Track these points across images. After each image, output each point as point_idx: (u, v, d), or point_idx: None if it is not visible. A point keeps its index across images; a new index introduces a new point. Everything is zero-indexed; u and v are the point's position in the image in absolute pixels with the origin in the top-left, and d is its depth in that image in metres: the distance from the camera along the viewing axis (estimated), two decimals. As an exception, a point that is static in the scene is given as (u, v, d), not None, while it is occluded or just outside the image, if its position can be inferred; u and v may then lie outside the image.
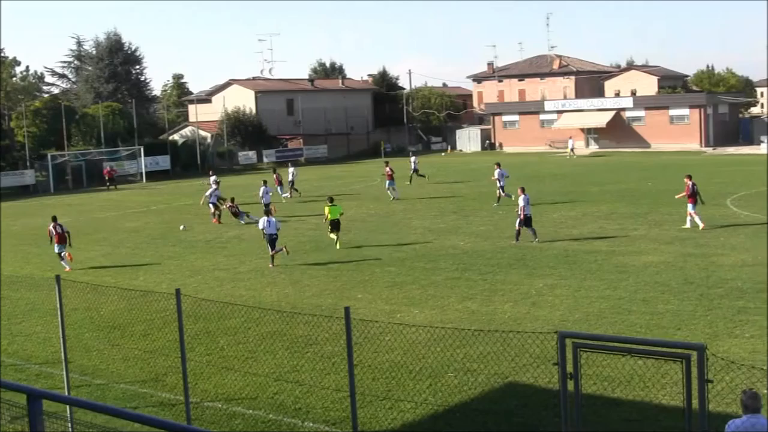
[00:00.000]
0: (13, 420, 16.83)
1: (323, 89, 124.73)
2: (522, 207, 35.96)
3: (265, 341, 22.25)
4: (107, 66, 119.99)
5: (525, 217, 35.97)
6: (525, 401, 17.12)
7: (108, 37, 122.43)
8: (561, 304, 24.87)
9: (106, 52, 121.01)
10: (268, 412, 17.39)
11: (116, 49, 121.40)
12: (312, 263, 33.88)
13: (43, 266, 36.69)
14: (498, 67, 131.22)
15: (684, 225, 37.55)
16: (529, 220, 36.17)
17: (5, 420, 17.04)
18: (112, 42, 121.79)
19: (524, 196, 36.14)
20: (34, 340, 24.26)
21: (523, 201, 36.01)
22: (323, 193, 61.46)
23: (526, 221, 36.07)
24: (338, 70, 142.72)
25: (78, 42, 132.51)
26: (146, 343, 22.93)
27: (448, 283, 28.55)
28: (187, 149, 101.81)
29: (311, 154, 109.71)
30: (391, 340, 20.44)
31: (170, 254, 38.12)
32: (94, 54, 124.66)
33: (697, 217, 37.24)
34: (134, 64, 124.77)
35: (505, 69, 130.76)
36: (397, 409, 17.05)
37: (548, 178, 66.11)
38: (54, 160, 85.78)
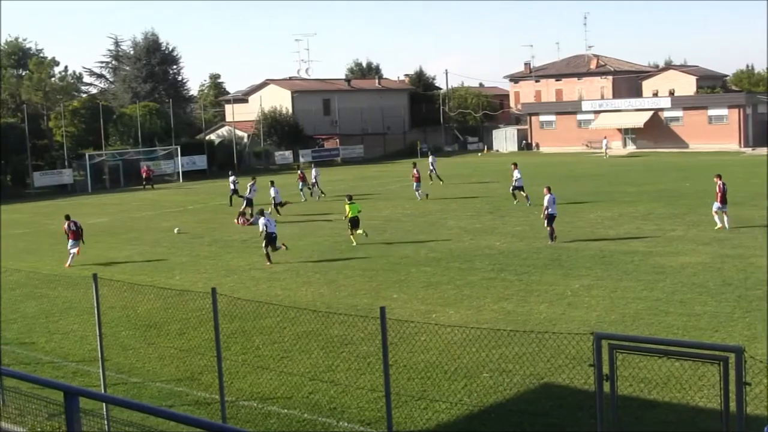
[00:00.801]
0: (50, 417, 16.95)
1: (360, 89, 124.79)
2: (546, 206, 36.28)
3: (300, 341, 22.28)
4: (145, 66, 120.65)
5: (548, 216, 36.25)
6: (560, 402, 17.04)
7: (145, 37, 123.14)
8: (597, 305, 24.74)
9: (144, 52, 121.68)
10: (303, 412, 17.40)
11: (154, 49, 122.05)
12: (347, 263, 33.87)
13: (79, 264, 36.89)
14: (535, 66, 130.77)
15: (716, 226, 37.30)
16: (551, 220, 36.35)
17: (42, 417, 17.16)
18: (149, 42, 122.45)
19: (550, 196, 36.38)
20: (71, 338, 24.41)
21: (548, 201, 36.28)
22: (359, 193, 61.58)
23: (549, 220, 36.32)
24: (375, 70, 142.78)
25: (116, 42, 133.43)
26: (182, 341, 23.01)
27: (483, 284, 28.47)
28: (223, 149, 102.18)
29: (347, 154, 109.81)
30: (426, 340, 20.40)
31: (206, 254, 38.26)
32: (131, 54, 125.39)
33: (716, 217, 37.36)
34: (171, 64, 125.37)
35: (543, 69, 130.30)
36: (432, 410, 17.01)
37: (585, 178, 65.84)
38: (92, 159, 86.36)
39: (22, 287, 31.48)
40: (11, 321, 26.35)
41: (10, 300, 28.93)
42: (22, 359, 22.66)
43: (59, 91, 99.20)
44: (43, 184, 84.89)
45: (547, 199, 36.44)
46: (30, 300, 29.76)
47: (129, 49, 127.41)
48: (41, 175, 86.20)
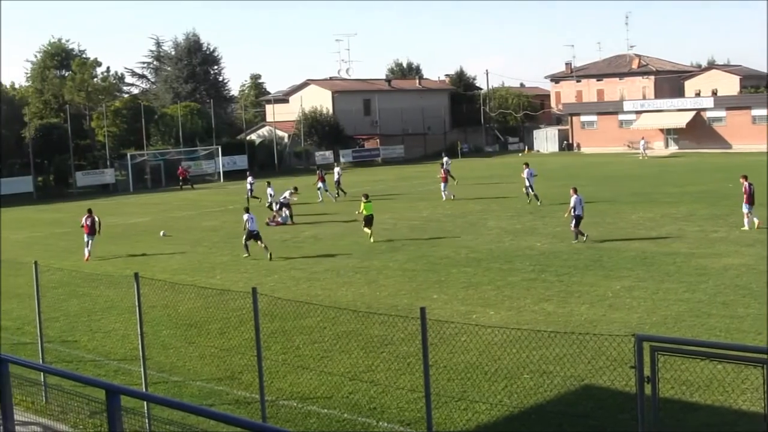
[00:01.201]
0: (92, 415, 17.09)
1: (400, 89, 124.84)
2: (572, 207, 36.61)
3: (340, 341, 22.30)
4: (186, 66, 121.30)
5: (576, 217, 36.41)
6: (601, 404, 16.96)
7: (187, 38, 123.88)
8: (638, 306, 24.59)
9: (185, 53, 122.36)
10: (342, 412, 17.42)
11: (195, 50, 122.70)
12: (387, 263, 33.87)
13: (121, 264, 37.17)
14: (576, 66, 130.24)
15: (743, 227, 37.26)
16: (578, 220, 36.47)
17: (85, 414, 17.31)
18: (190, 42, 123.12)
19: (576, 197, 36.70)
20: (112, 337, 24.57)
21: (575, 201, 36.56)
22: (399, 193, 61.63)
23: (577, 221, 36.47)
24: (415, 70, 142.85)
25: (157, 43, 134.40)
26: (222, 341, 23.10)
27: (524, 285, 28.38)
28: (264, 149, 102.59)
29: (388, 154, 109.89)
30: (466, 341, 20.37)
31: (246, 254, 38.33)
32: (173, 54, 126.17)
33: (746, 219, 37.30)
34: (212, 65, 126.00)
35: (584, 69, 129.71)
36: (472, 410, 16.98)
37: (626, 179, 65.50)
38: (133, 159, 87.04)
39: (64, 286, 31.73)
40: (54, 319, 26.55)
41: (52, 298, 29.13)
42: (64, 357, 22.85)
43: (101, 91, 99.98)
44: (86, 183, 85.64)
45: (574, 200, 36.80)
46: (72, 299, 29.99)
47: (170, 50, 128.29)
48: (83, 175, 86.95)
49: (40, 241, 48.02)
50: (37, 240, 48.49)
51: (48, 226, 54.99)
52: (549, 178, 69.85)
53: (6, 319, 27.85)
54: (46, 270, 29.68)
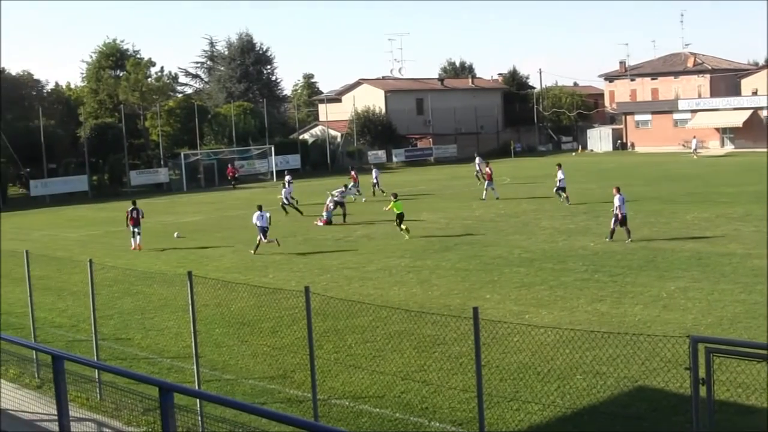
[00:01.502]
0: (145, 412, 17.23)
1: (453, 88, 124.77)
2: (617, 206, 36.54)
3: (392, 340, 22.27)
4: (239, 66, 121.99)
5: (621, 216, 36.54)
6: (655, 406, 16.80)
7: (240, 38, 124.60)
8: (693, 307, 24.34)
9: (238, 53, 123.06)
10: (394, 411, 17.39)
11: (248, 50, 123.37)
12: (440, 263, 33.80)
13: (174, 262, 37.42)
14: (630, 65, 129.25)
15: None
16: (624, 219, 36.67)
17: (138, 411, 17.45)
18: (243, 42, 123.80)
19: (620, 196, 36.81)
20: (166, 335, 24.72)
21: (619, 201, 36.66)
22: (451, 193, 61.52)
23: (621, 220, 36.58)
24: (468, 69, 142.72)
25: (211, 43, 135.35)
26: (275, 339, 23.16)
27: (577, 285, 28.21)
28: (316, 148, 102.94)
29: (440, 153, 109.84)
30: (519, 341, 20.26)
31: (299, 252, 38.47)
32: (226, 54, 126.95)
33: None
34: (265, 64, 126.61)
35: (638, 67, 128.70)
36: (525, 411, 16.89)
37: (681, 178, 64.91)
38: (187, 158, 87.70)
39: (118, 284, 31.98)
40: (108, 317, 26.78)
41: (107, 296, 29.40)
42: (118, 355, 23.04)
43: (155, 91, 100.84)
44: (140, 182, 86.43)
45: (617, 199, 36.85)
46: (126, 297, 30.23)
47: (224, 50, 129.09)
48: (138, 174, 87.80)
49: (95, 239, 48.47)
50: (92, 238, 48.96)
51: (103, 224, 55.49)
52: (603, 177, 69.55)
53: (62, 317, 28.20)
54: (100, 268, 30.01)
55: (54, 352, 12.00)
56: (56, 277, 34.14)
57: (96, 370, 18.85)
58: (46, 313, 27.99)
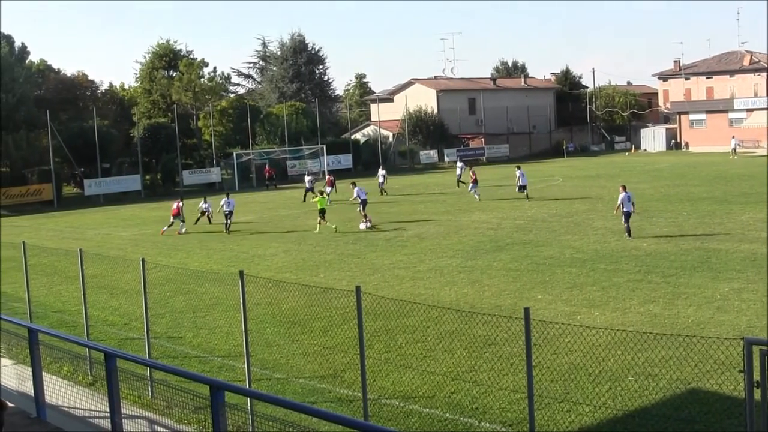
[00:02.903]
0: (196, 410, 17.31)
1: (505, 88, 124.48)
2: (620, 204, 38.28)
3: (443, 340, 22.23)
4: (291, 66, 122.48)
5: (625, 213, 37.98)
6: (708, 408, 16.62)
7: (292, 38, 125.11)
8: (748, 309, 24.06)
9: (291, 53, 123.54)
10: (444, 411, 17.35)
11: (300, 50, 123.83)
12: (491, 263, 33.69)
13: (225, 262, 37.60)
14: (685, 64, 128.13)
15: None
16: (627, 217, 37.94)
17: (189, 409, 17.54)
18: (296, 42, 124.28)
19: (624, 194, 38.17)
20: (217, 334, 24.83)
21: (622, 198, 38.20)
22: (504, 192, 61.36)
23: (626, 217, 37.95)
24: (521, 68, 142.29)
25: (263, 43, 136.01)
26: (325, 339, 23.18)
27: (629, 285, 27.99)
28: (368, 148, 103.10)
29: (493, 153, 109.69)
30: (570, 342, 20.15)
31: (350, 252, 38.53)
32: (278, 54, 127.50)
33: None
34: (317, 64, 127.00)
35: (693, 66, 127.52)
36: (575, 412, 16.78)
37: (736, 178, 64.24)
38: (239, 158, 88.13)
39: (170, 283, 32.17)
40: (160, 316, 26.95)
41: (159, 295, 29.58)
42: (170, 353, 23.17)
43: (208, 91, 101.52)
44: (192, 182, 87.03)
45: (621, 198, 38.24)
46: (178, 295, 30.39)
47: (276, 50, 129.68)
48: (190, 174, 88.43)
49: (148, 238, 48.84)
50: (145, 237, 49.34)
51: (155, 224, 55.87)
52: (657, 177, 69.08)
53: (114, 315, 28.43)
54: (153, 267, 30.24)
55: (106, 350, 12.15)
56: (109, 275, 34.42)
57: (148, 368, 18.98)
58: (99, 311, 28.22)
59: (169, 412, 18.01)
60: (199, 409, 17.20)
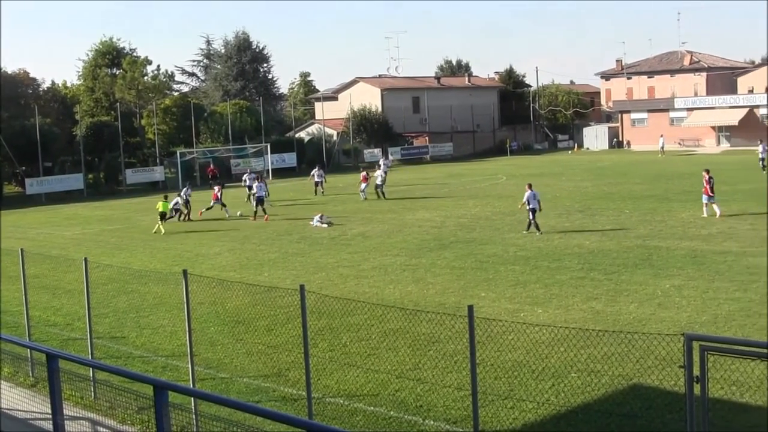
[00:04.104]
0: (139, 410, 17.21)
1: (449, 87, 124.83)
2: (525, 201, 39.85)
3: (387, 338, 22.27)
4: (235, 64, 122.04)
5: (531, 210, 39.48)
6: (649, 404, 16.79)
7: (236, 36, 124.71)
8: (688, 305, 24.34)
9: (235, 51, 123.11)
10: (389, 409, 17.37)
11: (244, 48, 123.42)
12: (435, 261, 33.79)
13: (169, 261, 37.39)
14: (627, 63, 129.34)
15: (702, 214, 41.70)
16: (534, 213, 39.45)
17: (132, 410, 17.43)
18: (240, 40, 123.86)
19: (530, 192, 39.74)
20: (161, 333, 24.68)
21: (528, 196, 39.75)
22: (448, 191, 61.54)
23: (533, 214, 39.46)
24: (465, 67, 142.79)
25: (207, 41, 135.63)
26: (270, 338, 23.13)
27: (572, 283, 28.21)
28: (313, 147, 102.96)
29: (437, 152, 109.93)
30: (514, 339, 20.25)
31: (295, 250, 38.47)
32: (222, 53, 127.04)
33: (715, 206, 41.55)
34: (262, 63, 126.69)
35: (635, 66, 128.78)
36: (519, 409, 16.88)
37: (677, 176, 64.93)
38: (183, 157, 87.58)
39: (113, 282, 31.93)
40: (103, 316, 26.74)
41: (102, 295, 29.36)
42: (113, 353, 23.01)
43: (152, 89, 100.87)
44: (135, 181, 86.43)
45: (527, 195, 39.77)
46: (121, 295, 30.18)
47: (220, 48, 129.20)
48: (133, 173, 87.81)
49: (91, 237, 48.43)
50: (88, 237, 48.91)
51: (98, 223, 55.46)
52: (600, 175, 69.72)
53: (56, 315, 28.16)
54: (95, 266, 29.98)
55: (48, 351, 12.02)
56: (51, 275, 34.12)
57: (90, 368, 18.81)
58: (40, 311, 27.95)
59: (112, 412, 17.88)
60: (142, 410, 17.10)
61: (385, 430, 16.49)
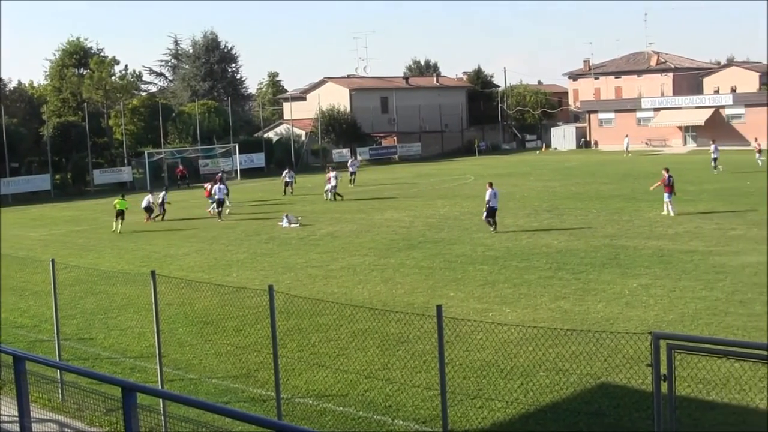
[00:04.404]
0: (108, 412, 17.12)
1: (418, 87, 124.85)
2: (488, 200, 40.10)
3: (356, 338, 22.27)
4: (204, 64, 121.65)
5: (489, 209, 40.03)
6: (617, 402, 16.88)
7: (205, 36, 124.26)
8: (655, 304, 24.49)
9: (203, 51, 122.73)
10: (358, 409, 17.38)
11: (213, 48, 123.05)
12: (404, 261, 33.82)
13: (137, 262, 37.24)
14: (594, 64, 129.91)
15: (662, 212, 42.80)
16: (492, 212, 40.08)
17: (101, 412, 17.34)
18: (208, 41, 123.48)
19: (491, 191, 40.13)
20: (129, 335, 24.58)
21: (489, 195, 40.10)
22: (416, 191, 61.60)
23: (490, 213, 40.02)
24: (433, 67, 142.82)
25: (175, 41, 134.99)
26: (238, 338, 23.09)
27: (540, 282, 28.31)
28: (281, 147, 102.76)
29: (405, 152, 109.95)
30: (482, 339, 20.31)
31: (263, 251, 38.41)
32: (191, 53, 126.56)
33: (670, 206, 42.49)
34: (230, 63, 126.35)
35: (602, 66, 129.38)
36: (488, 408, 16.93)
37: (644, 176, 65.15)
38: (151, 157, 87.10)
39: (81, 284, 31.79)
40: (71, 317, 26.60)
41: (70, 296, 29.22)
42: (81, 355, 22.90)
43: (119, 89, 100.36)
44: (103, 181, 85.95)
45: (488, 194, 40.17)
46: (89, 296, 30.04)
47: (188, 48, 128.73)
48: (101, 173, 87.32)
49: (58, 238, 48.16)
50: (55, 238, 48.63)
51: (65, 223, 55.17)
52: (568, 175, 69.98)
53: (23, 317, 27.98)
54: (63, 268, 29.84)
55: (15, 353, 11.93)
56: (18, 276, 33.88)
57: (58, 370, 18.72)
58: (7, 313, 27.75)
59: (80, 414, 17.79)
60: (111, 411, 17.02)
61: (355, 430, 16.49)
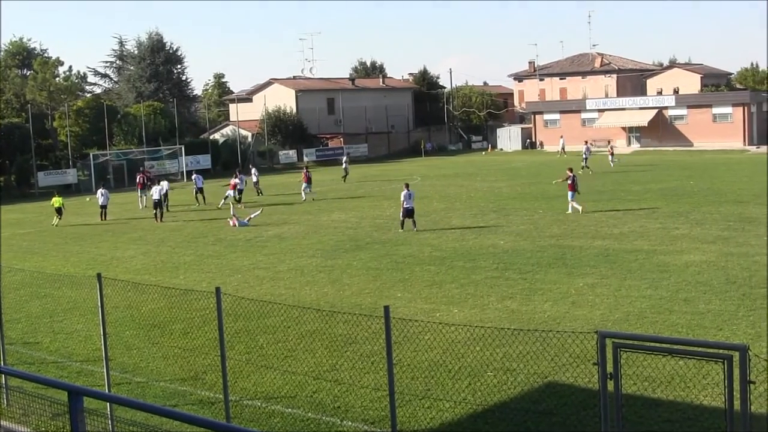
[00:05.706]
0: (54, 417, 16.94)
1: (364, 88, 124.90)
2: (402, 201, 41.10)
3: (304, 340, 22.26)
4: (149, 65, 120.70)
5: (405, 209, 41.05)
6: (565, 401, 17.00)
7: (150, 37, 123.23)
8: (601, 303, 24.70)
9: (148, 52, 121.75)
10: (306, 411, 17.37)
11: (158, 49, 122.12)
12: (351, 262, 33.83)
13: (83, 264, 36.93)
14: (539, 65, 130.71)
15: (567, 211, 44.21)
16: (409, 212, 41.11)
17: (47, 416, 17.16)
18: (153, 41, 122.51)
19: (406, 192, 41.13)
20: (75, 338, 24.39)
21: (404, 196, 41.16)
22: (363, 192, 61.63)
23: (408, 213, 41.05)
24: (379, 69, 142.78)
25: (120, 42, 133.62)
26: (186, 341, 22.99)
27: (487, 282, 28.44)
28: (227, 148, 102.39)
29: (351, 152, 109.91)
30: (430, 339, 20.38)
31: (210, 253, 38.26)
32: (135, 53, 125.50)
33: (575, 203, 44.29)
34: (176, 64, 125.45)
35: (547, 67, 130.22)
36: (436, 409, 16.99)
37: (588, 177, 65.72)
38: (96, 159, 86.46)
39: (26, 287, 31.50)
40: (15, 321, 26.34)
41: (14, 300, 28.91)
42: (26, 359, 22.67)
43: (64, 90, 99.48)
44: (48, 183, 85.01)
45: (403, 195, 41.21)
46: (34, 300, 29.77)
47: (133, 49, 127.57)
48: (45, 175, 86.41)
49: (2, 241, 47.62)
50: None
51: (9, 226, 54.52)
52: (514, 176, 70.38)
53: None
54: (7, 271, 29.52)
55: (-41, 358, 11.84)
56: (-39, 280, 33.47)
57: (2, 375, 18.52)
58: (-50, 317, 27.42)
59: (25, 419, 17.60)
60: (57, 416, 16.84)
61: (304, 431, 16.49)
